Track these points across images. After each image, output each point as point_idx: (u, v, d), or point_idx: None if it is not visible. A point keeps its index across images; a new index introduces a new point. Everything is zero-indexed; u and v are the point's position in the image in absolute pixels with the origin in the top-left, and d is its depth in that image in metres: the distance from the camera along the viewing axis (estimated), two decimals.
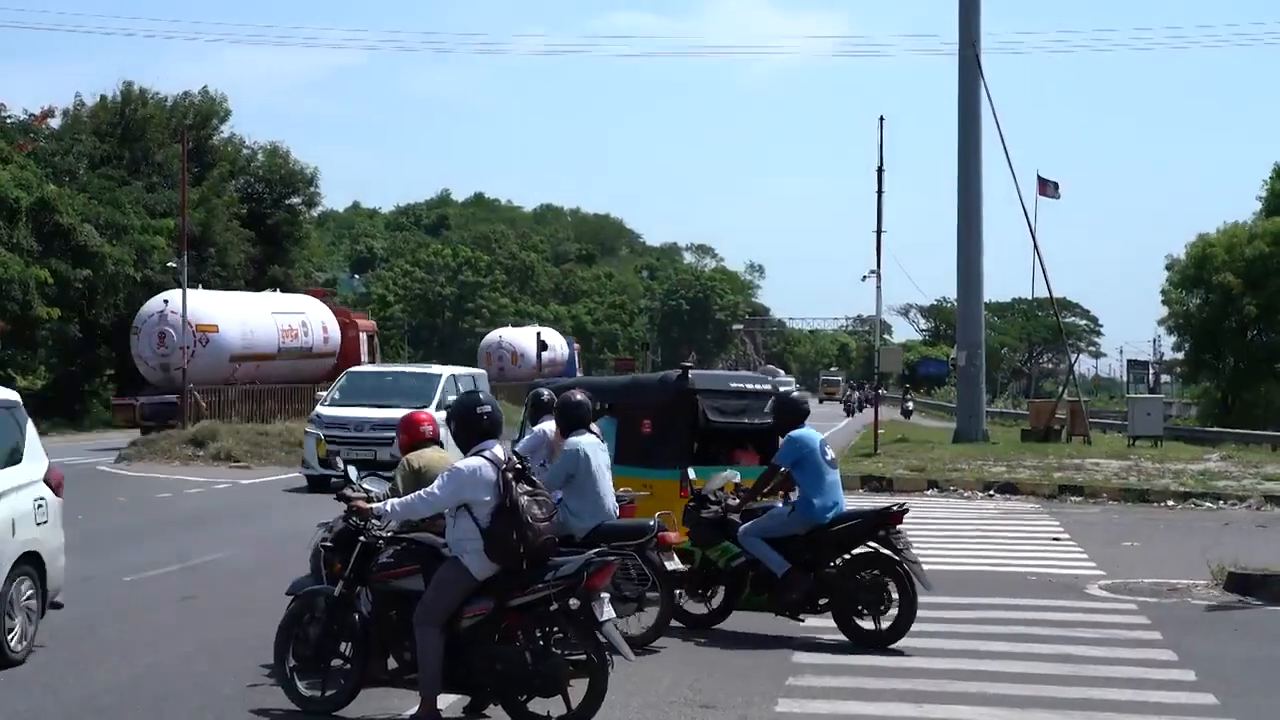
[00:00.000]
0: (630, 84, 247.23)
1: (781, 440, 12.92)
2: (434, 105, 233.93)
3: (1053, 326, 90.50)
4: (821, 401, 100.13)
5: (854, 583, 12.20)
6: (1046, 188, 56.64)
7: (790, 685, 10.71)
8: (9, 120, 51.01)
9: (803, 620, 12.64)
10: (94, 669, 10.97)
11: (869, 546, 12.37)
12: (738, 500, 12.84)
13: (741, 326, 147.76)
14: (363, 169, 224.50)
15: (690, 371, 15.43)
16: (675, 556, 11.85)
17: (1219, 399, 64.61)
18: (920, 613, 12.40)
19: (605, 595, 9.16)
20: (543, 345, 68.69)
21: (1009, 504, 25.20)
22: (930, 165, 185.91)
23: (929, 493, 26.86)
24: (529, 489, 9.11)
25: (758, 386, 16.10)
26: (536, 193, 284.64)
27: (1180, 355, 72.07)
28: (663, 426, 14.96)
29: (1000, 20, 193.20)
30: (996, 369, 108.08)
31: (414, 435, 10.72)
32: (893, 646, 11.95)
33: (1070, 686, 10.73)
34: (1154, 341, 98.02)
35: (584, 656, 9.02)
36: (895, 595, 12.11)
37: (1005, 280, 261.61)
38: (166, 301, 39.98)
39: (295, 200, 66.99)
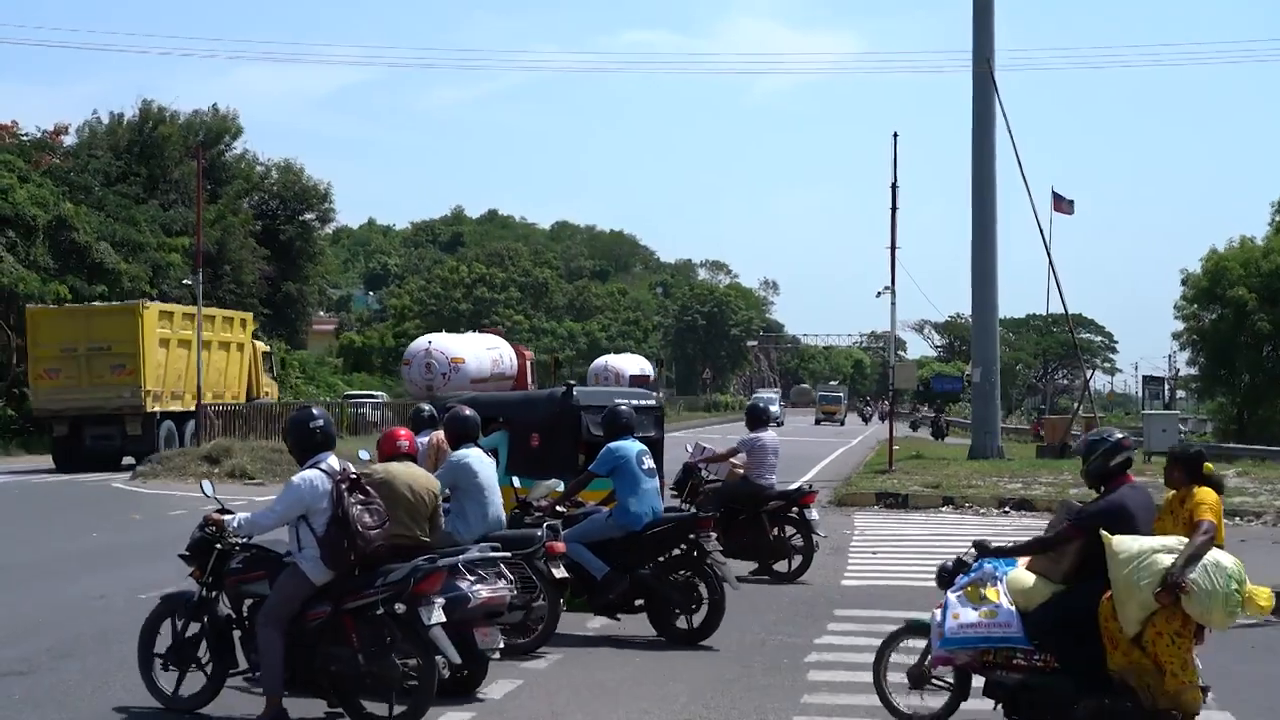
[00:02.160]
0: (644, 101, 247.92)
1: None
2: (446, 122, 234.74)
3: (1067, 342, 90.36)
4: (818, 422, 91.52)
5: (667, 584, 12.97)
6: (1061, 204, 56.58)
7: (805, 703, 10.70)
8: (25, 138, 51.26)
9: (619, 620, 13.25)
10: (109, 684, 10.98)
11: (681, 549, 13.08)
12: (563, 507, 13.28)
13: (756, 343, 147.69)
14: (377, 186, 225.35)
15: (574, 389, 16.30)
16: (562, 566, 12.25)
17: (1234, 415, 64.41)
18: None
19: (439, 601, 9.62)
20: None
21: (1025, 520, 25.10)
22: (944, 181, 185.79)
23: (944, 509, 26.80)
24: (362, 498, 9.64)
25: (641, 402, 16.81)
26: (551, 209, 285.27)
27: (1195, 371, 71.86)
28: (549, 439, 15.73)
29: (1014, 36, 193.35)
30: (1011, 385, 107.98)
31: (391, 449, 11.09)
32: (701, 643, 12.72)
33: None
34: (1169, 357, 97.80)
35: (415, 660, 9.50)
36: (705, 595, 12.94)
37: (1020, 296, 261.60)
38: (430, 342, 51.19)
39: (309, 217, 67.19)
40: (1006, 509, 26.36)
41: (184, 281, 49.16)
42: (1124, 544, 9.03)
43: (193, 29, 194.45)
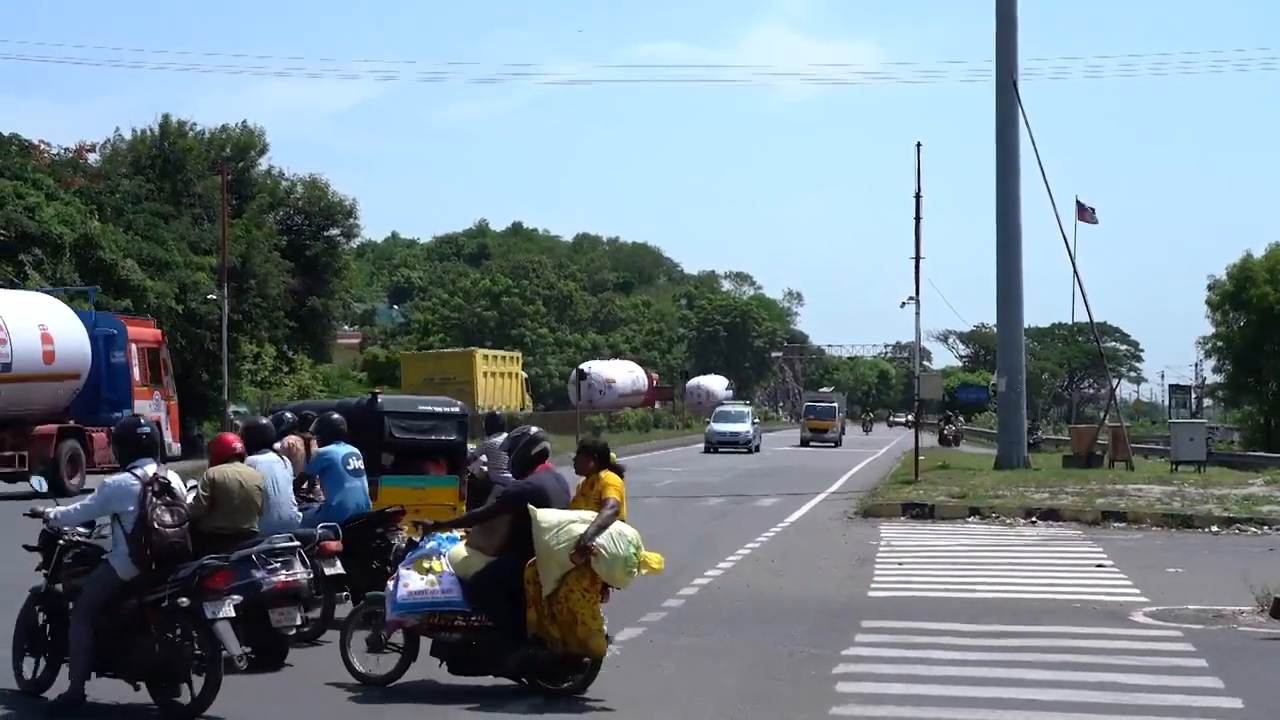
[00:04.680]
0: (665, 113, 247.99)
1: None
2: (468, 136, 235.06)
3: (1093, 351, 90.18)
4: (808, 442, 71.29)
5: (369, 573, 13.81)
6: (1085, 213, 56.51)
7: (834, 715, 10.67)
8: (55, 156, 51.53)
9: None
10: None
11: (376, 542, 14.26)
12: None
13: (780, 354, 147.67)
14: (400, 200, 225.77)
15: (379, 397, 18.30)
16: (337, 562, 13.24)
17: (1261, 423, 64.13)
18: (963, 641, 12.67)
19: (230, 597, 10.46)
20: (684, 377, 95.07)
21: (1051, 530, 25.04)
22: (967, 189, 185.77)
23: (971, 519, 26.72)
24: (169, 500, 10.46)
25: (445, 409, 18.79)
26: (574, 222, 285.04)
27: (1221, 379, 71.60)
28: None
29: (1037, 45, 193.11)
30: (1037, 394, 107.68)
31: (225, 452, 12.10)
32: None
33: (1116, 715, 10.68)
34: (1196, 365, 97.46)
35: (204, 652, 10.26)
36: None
37: (1045, 305, 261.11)
38: (590, 367, 65.59)
39: (334, 232, 67.33)
40: (1033, 519, 26.26)
41: (209, 297, 49.36)
42: (547, 516, 10.90)
43: (213, 45, 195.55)
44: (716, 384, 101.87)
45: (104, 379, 33.39)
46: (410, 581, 11.20)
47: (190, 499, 11.53)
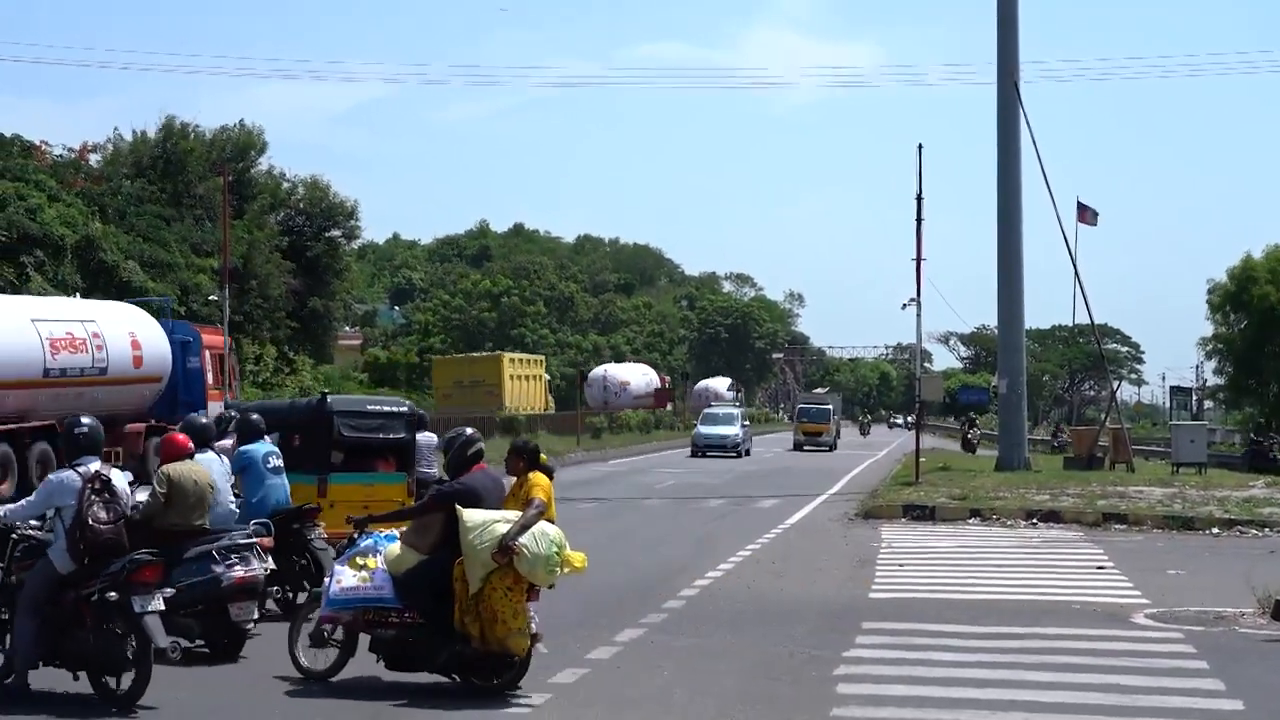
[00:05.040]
0: (667, 114, 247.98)
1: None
2: (468, 136, 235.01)
3: (1094, 353, 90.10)
4: (801, 446, 66.36)
5: (286, 561, 14.50)
6: (1086, 214, 56.45)
7: (834, 716, 10.68)
8: (58, 157, 51.56)
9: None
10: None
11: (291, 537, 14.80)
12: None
13: (781, 355, 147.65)
14: (401, 200, 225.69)
15: (328, 397, 19.51)
16: (268, 557, 13.36)
17: (1262, 425, 64.12)
18: (964, 642, 12.77)
19: (159, 591, 10.84)
20: (683, 374, 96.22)
21: (1052, 532, 25.05)
22: (968, 191, 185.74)
23: (971, 521, 26.73)
24: (106, 498, 10.81)
25: (393, 409, 19.85)
26: (575, 223, 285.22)
27: (1221, 381, 71.59)
28: (307, 441, 18.39)
29: (1037, 47, 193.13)
30: (1038, 396, 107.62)
31: (175, 452, 12.68)
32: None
33: (1117, 717, 10.69)
34: (1196, 367, 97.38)
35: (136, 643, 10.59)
36: (313, 571, 14.70)
37: (1045, 306, 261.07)
38: (606, 370, 72.09)
39: (335, 233, 67.37)
40: (1034, 521, 26.28)
41: (210, 298, 49.39)
42: (472, 516, 11.08)
43: (213, 46, 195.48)
44: (723, 385, 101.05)
45: (180, 382, 35.71)
46: (343, 578, 11.51)
47: (145, 496, 12.30)
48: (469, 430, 12.22)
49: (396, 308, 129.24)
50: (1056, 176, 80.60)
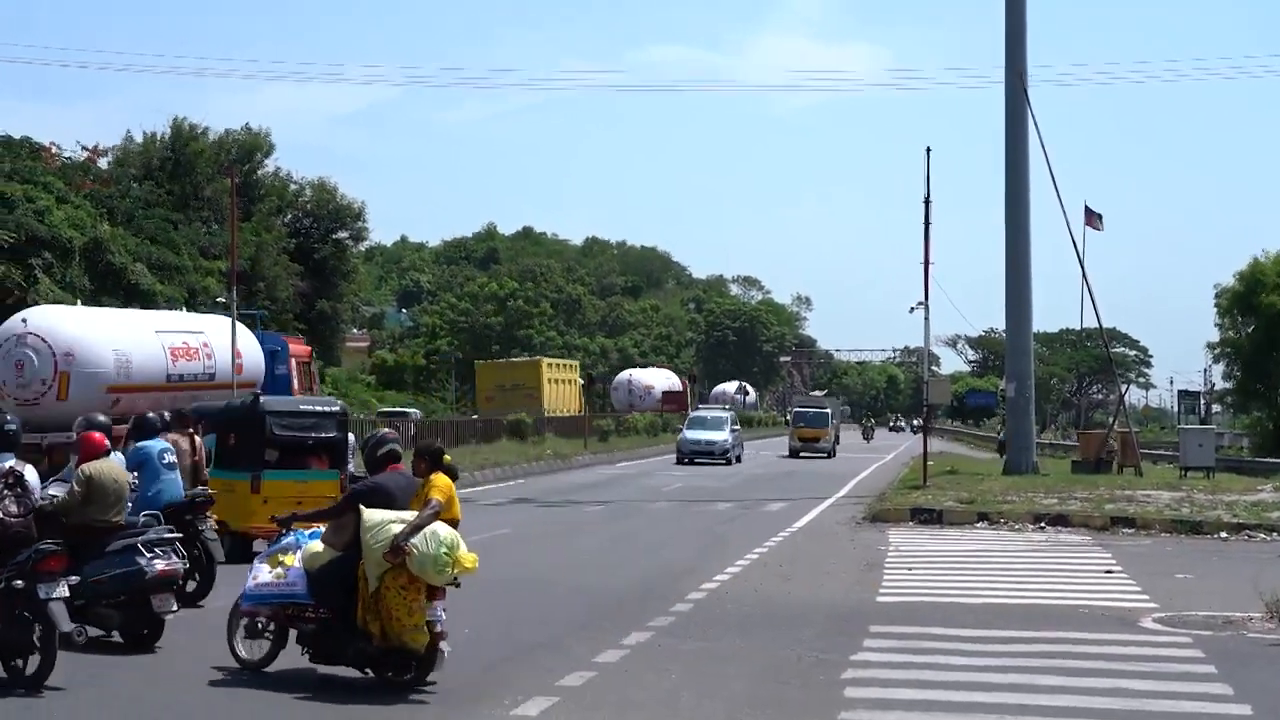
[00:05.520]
0: (674, 116, 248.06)
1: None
2: (475, 139, 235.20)
3: (1101, 357, 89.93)
4: (797, 453, 61.49)
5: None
6: (1092, 219, 56.41)
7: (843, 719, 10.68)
8: (68, 159, 51.58)
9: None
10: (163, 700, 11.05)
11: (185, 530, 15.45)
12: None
13: (789, 358, 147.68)
14: (408, 203, 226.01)
15: (260, 398, 20.92)
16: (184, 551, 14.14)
17: (1270, 429, 63.98)
18: (971, 646, 12.79)
19: (69, 579, 11.46)
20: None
21: (1060, 536, 25.00)
22: (976, 194, 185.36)
23: (979, 525, 26.69)
24: (18, 493, 11.54)
25: (325, 409, 21.00)
26: (583, 226, 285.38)
27: (1230, 385, 71.44)
28: (241, 439, 19.75)
29: (1045, 51, 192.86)
30: (1046, 400, 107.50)
31: (94, 450, 13.15)
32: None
33: None
34: (1204, 371, 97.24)
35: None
36: (204, 562, 15.80)
37: (1054, 310, 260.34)
38: (631, 374, 75.42)
39: (343, 235, 67.46)
40: (1042, 524, 26.23)
41: (218, 299, 49.38)
42: (371, 515, 11.43)
43: (220, 49, 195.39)
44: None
45: (270, 387, 38.27)
46: (260, 574, 12.05)
47: (58, 491, 13.02)
48: (384, 431, 12.81)
49: (404, 310, 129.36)
50: (1065, 180, 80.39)
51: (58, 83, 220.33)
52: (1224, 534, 24.72)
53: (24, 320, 32.21)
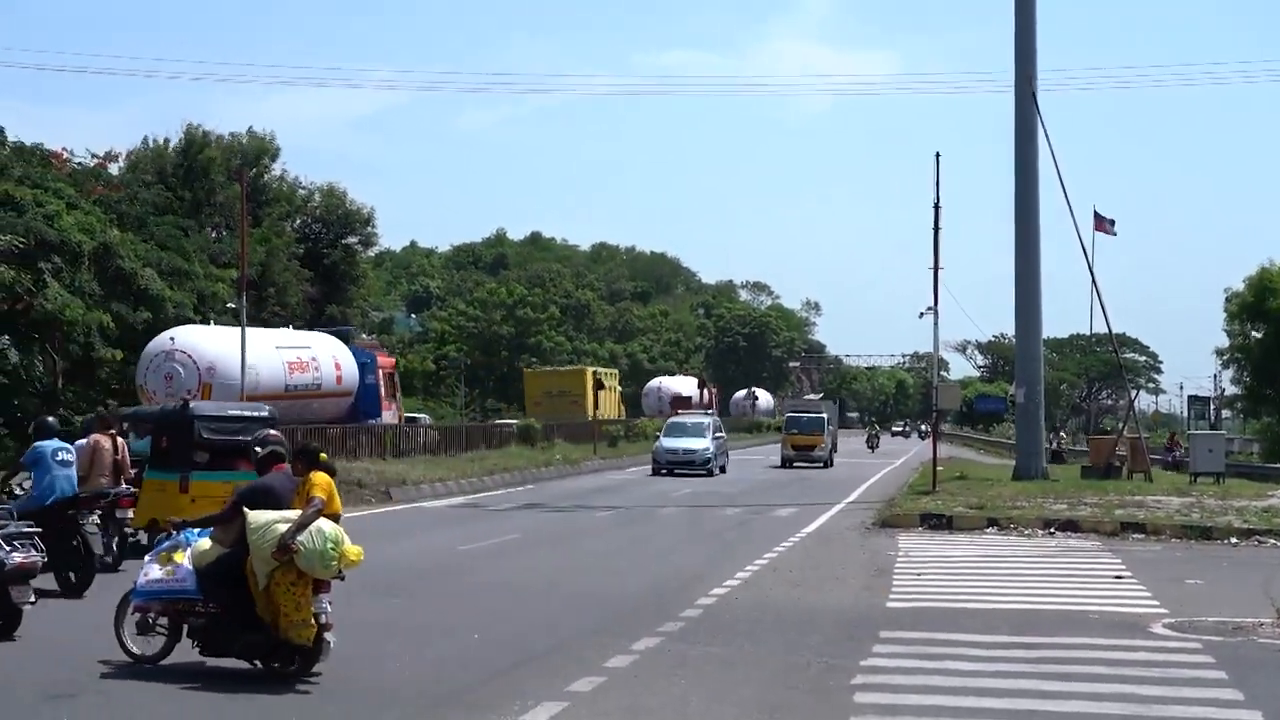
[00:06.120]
0: (683, 122, 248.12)
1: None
2: (486, 144, 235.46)
3: (1111, 362, 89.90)
4: (790, 462, 57.27)
5: (60, 545, 16.40)
6: (1103, 224, 56.41)
7: None
8: (78, 164, 51.61)
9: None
10: (158, 712, 11.06)
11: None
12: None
13: (798, 364, 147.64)
14: (418, 208, 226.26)
15: (190, 403, 22.20)
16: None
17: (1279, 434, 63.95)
18: (981, 652, 12.82)
19: None
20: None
21: (1070, 542, 24.97)
22: (985, 199, 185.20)
23: (989, 531, 26.67)
24: None
25: (254, 413, 22.11)
26: (592, 231, 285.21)
27: (1239, 390, 71.37)
28: (172, 442, 20.82)
29: (1054, 56, 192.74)
30: (1055, 405, 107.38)
31: None
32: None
33: None
34: (1214, 377, 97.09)
35: None
36: (83, 554, 16.93)
37: (1063, 315, 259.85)
38: (661, 382, 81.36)
39: (352, 240, 67.54)
40: (1052, 530, 26.20)
41: (229, 305, 49.42)
42: (257, 517, 12.00)
43: (230, 54, 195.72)
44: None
45: (362, 395, 44.76)
46: (150, 571, 12.56)
47: None
48: (270, 432, 13.78)
49: (413, 315, 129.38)
50: (1075, 185, 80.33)
51: (70, 88, 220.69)
52: (1234, 540, 24.69)
53: (171, 339, 38.41)
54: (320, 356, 42.19)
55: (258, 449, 13.05)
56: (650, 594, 17.73)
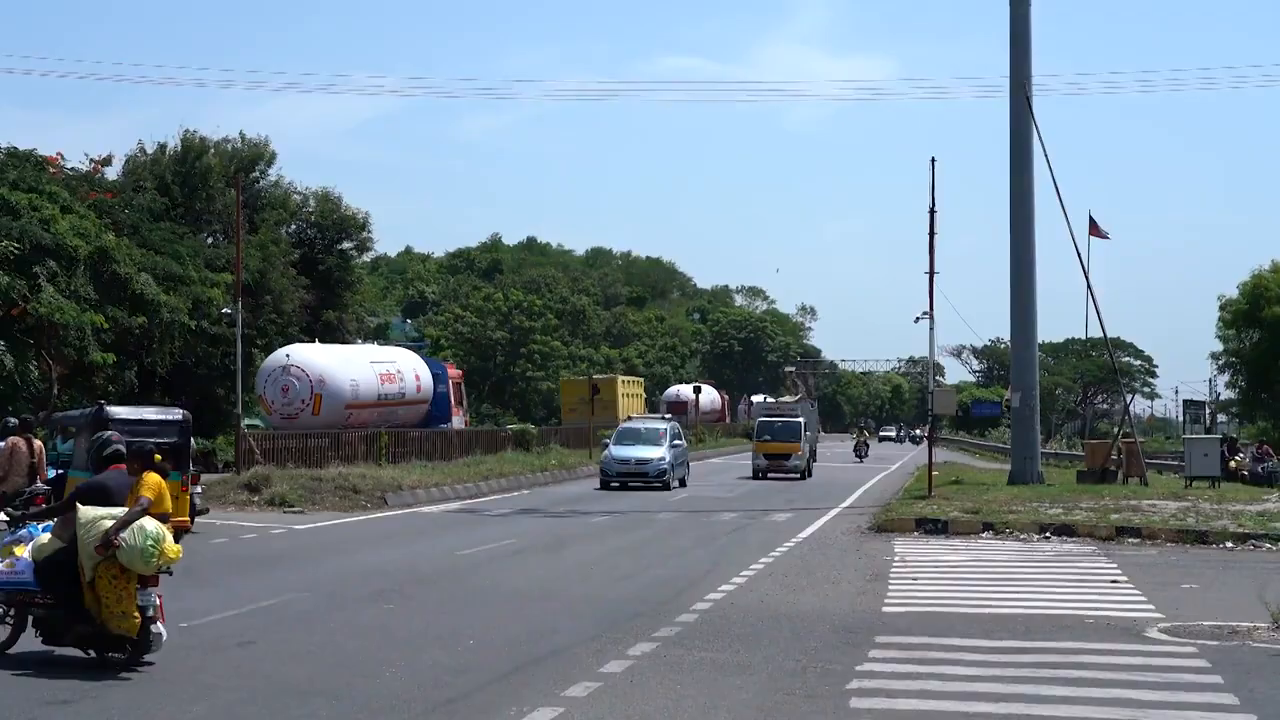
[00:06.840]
0: (680, 128, 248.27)
1: None
2: (482, 150, 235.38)
3: (1107, 366, 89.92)
4: (762, 473, 51.07)
5: None
6: (1097, 229, 56.49)
7: None
8: (71, 170, 51.56)
9: None
10: (153, 715, 11.02)
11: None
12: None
13: (793, 368, 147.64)
14: (414, 214, 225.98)
15: (105, 407, 23.30)
16: None
17: (1276, 439, 63.96)
18: (977, 657, 12.86)
19: None
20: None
21: (1065, 546, 25.01)
22: (981, 204, 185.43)
23: (985, 535, 26.70)
24: None
25: (167, 417, 23.68)
26: (587, 236, 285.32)
27: (1234, 394, 71.47)
28: (89, 443, 20.96)
29: (1050, 62, 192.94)
30: (1051, 410, 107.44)
31: None
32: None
33: None
34: (1209, 381, 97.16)
35: None
36: None
37: (1059, 320, 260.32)
38: (680, 390, 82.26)
39: (347, 245, 67.42)
40: (1048, 534, 26.24)
41: (224, 311, 49.37)
42: (85, 512, 12.63)
43: (227, 60, 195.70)
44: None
45: (434, 402, 50.90)
46: None
47: None
48: (109, 433, 14.06)
49: (409, 321, 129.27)
50: (1070, 190, 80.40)
51: (65, 94, 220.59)
52: (1230, 544, 24.72)
53: (287, 355, 45.13)
54: (404, 369, 48.63)
55: (107, 450, 13.44)
56: (646, 599, 17.73)
